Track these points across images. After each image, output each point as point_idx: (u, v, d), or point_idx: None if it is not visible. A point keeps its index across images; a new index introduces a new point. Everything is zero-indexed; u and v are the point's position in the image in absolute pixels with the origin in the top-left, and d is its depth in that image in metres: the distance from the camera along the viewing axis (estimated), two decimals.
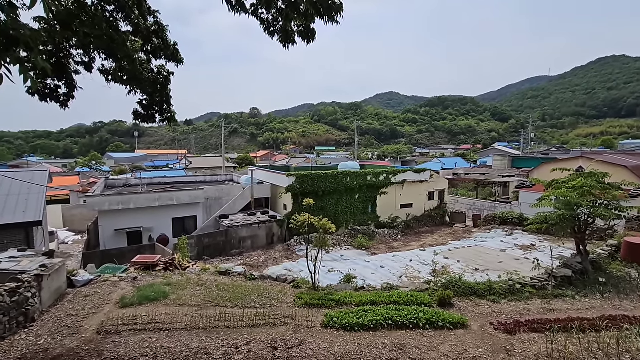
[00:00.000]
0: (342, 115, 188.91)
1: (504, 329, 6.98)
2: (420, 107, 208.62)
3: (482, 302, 8.69)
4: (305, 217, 9.40)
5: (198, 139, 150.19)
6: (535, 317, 7.72)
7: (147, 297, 8.05)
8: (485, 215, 25.71)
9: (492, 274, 12.38)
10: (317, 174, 21.33)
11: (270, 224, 19.53)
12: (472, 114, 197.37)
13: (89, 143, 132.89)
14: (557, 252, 14.52)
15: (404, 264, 14.91)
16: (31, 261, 8.39)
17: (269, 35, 6.51)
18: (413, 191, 25.04)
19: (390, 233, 22.06)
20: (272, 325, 7.00)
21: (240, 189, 22.36)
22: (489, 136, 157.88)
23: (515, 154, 58.85)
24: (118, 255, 13.81)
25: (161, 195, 18.72)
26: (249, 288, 9.13)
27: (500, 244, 18.14)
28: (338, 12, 5.97)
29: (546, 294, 9.39)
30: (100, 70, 6.36)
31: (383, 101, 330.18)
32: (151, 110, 6.58)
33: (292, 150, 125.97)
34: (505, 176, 36.01)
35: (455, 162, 64.14)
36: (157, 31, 6.28)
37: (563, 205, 11.06)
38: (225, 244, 17.95)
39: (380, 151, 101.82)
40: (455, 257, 15.75)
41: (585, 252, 11.31)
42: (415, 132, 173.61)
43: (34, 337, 6.36)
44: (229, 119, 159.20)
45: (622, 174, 21.12)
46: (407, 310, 7.47)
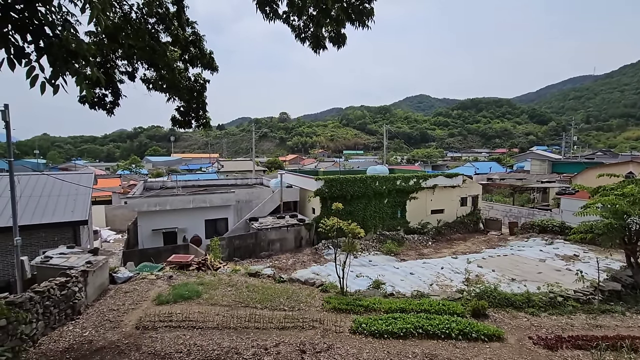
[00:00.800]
0: (370, 118, 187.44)
1: (544, 344, 6.58)
2: (452, 110, 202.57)
3: (519, 314, 8.26)
4: (334, 221, 9.40)
5: (229, 143, 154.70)
6: (579, 332, 7.22)
7: (181, 296, 8.38)
8: (522, 222, 24.44)
9: (531, 285, 11.72)
10: (346, 178, 21.28)
11: (298, 227, 19.70)
12: (508, 117, 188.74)
13: (129, 147, 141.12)
14: (603, 264, 13.51)
15: (434, 272, 14.48)
16: (78, 258, 9.01)
17: (300, 42, 6.63)
18: (444, 196, 24.32)
19: (420, 239, 21.51)
20: (300, 329, 7.04)
21: (269, 192, 22.77)
22: (527, 139, 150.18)
23: (556, 159, 55.54)
24: (155, 254, 14.48)
25: (195, 197, 19.46)
26: (278, 290, 9.25)
27: (539, 254, 17.16)
28: (369, 17, 5.97)
29: (592, 309, 8.75)
30: (142, 79, 6.77)
31: (413, 104, 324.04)
32: (188, 116, 6.89)
33: (320, 154, 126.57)
34: (544, 182, 34.07)
35: (490, 166, 61.48)
36: (194, 41, 6.59)
37: (611, 214, 10.28)
38: (255, 246, 18.31)
39: (409, 155, 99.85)
40: (490, 266, 15.09)
41: (637, 264, 10.43)
42: (447, 135, 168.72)
43: (79, 329, 6.81)
44: (259, 123, 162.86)
45: None
46: (438, 320, 7.24)
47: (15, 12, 2.65)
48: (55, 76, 2.85)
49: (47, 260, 8.77)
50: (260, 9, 5.53)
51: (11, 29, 2.67)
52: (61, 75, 2.91)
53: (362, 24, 6.05)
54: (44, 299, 6.52)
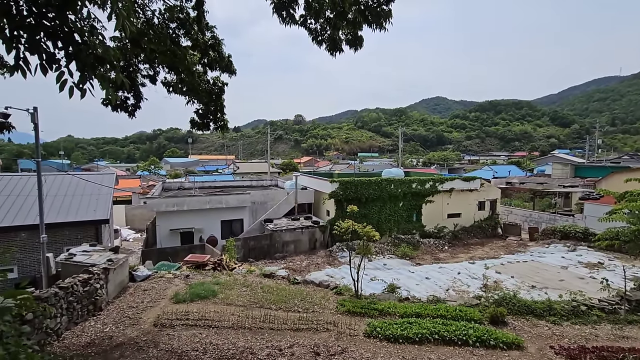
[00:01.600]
0: (385, 121, 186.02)
1: (566, 354, 6.36)
2: (469, 112, 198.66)
3: (540, 323, 8.01)
4: (349, 224, 9.37)
5: (245, 145, 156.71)
6: (604, 343, 6.94)
7: (198, 295, 8.53)
8: (543, 228, 23.69)
9: (552, 293, 11.34)
10: (360, 180, 21.18)
11: (313, 230, 19.72)
12: (528, 119, 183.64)
13: (148, 149, 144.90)
14: (630, 272, 12.92)
15: (451, 277, 14.19)
16: (100, 255, 9.31)
17: (316, 45, 6.67)
18: (461, 200, 23.86)
19: (436, 243, 21.16)
20: (314, 331, 7.04)
21: (284, 194, 22.90)
22: (548, 142, 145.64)
23: (579, 162, 53.63)
24: (172, 254, 14.79)
25: (211, 198, 19.79)
26: (292, 292, 9.29)
27: (561, 260, 16.57)
28: (387, 19, 5.95)
29: (618, 319, 8.40)
30: (163, 83, 6.96)
31: (429, 106, 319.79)
32: (206, 118, 7.03)
33: (335, 156, 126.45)
34: (567, 186, 32.96)
35: (509, 170, 59.90)
36: (213, 45, 6.73)
37: (638, 220, 9.85)
38: (270, 247, 18.44)
39: (425, 158, 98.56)
40: (509, 272, 14.67)
41: None
42: (464, 138, 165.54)
43: (100, 325, 7.02)
44: (274, 125, 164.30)
45: None
46: (455, 326, 7.11)
47: (47, 20, 2.78)
48: (83, 81, 2.97)
49: (71, 258, 9.10)
50: (277, 12, 5.60)
51: (43, 36, 2.80)
52: (88, 80, 3.03)
53: (380, 26, 6.03)
54: (68, 294, 6.76)
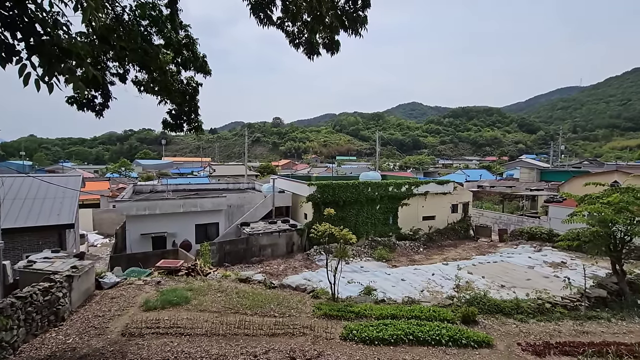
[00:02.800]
0: (363, 125, 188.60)
1: (532, 350, 6.64)
2: (443, 118, 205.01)
3: (508, 321, 8.32)
4: (325, 227, 9.38)
5: (222, 148, 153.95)
6: (566, 339, 7.30)
7: (169, 302, 8.23)
8: (511, 229, 24.74)
9: (520, 292, 11.84)
10: (338, 183, 21.30)
11: (290, 233, 19.59)
12: (498, 125, 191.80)
13: (119, 150, 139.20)
14: (590, 271, 13.71)
15: (425, 278, 14.52)
16: (63, 262, 8.80)
17: (294, 47, 6.67)
18: (436, 203, 24.50)
19: (412, 245, 21.58)
20: (290, 335, 6.97)
21: (261, 197, 22.64)
22: (516, 148, 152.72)
23: (544, 167, 56.54)
24: (143, 259, 14.22)
25: (185, 201, 19.24)
26: (268, 296, 9.16)
27: (528, 261, 17.36)
28: (363, 25, 6.04)
29: (578, 315, 8.87)
30: (133, 82, 6.70)
31: (405, 111, 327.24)
32: (179, 119, 6.84)
33: (313, 159, 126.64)
34: (533, 190, 34.62)
35: (480, 174, 62.26)
36: (187, 44, 6.57)
37: (597, 222, 10.49)
38: (246, 251, 18.14)
39: (402, 162, 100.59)
40: (480, 273, 15.19)
41: (622, 272, 10.62)
42: (439, 142, 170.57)
43: (63, 336, 6.62)
44: (252, 128, 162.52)
45: None
46: (429, 326, 7.25)
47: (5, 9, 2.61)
48: (48, 74, 2.80)
49: (31, 265, 8.54)
50: (254, 13, 5.55)
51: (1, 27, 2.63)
52: (54, 74, 2.86)
53: (356, 32, 6.12)
54: (26, 304, 6.34)
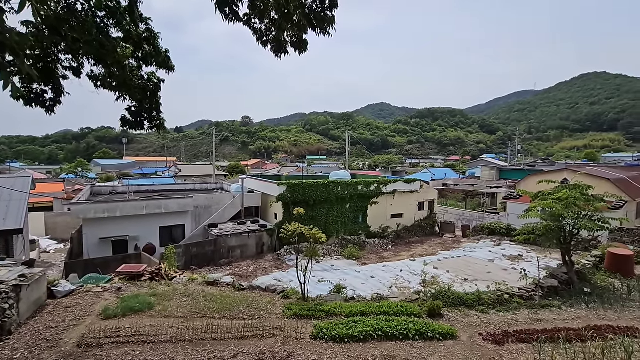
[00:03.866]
0: (333, 125, 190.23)
1: (492, 339, 6.99)
2: (410, 118, 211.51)
3: (471, 313, 8.71)
4: (295, 227, 9.34)
5: (188, 147, 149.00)
6: (523, 327, 7.76)
7: (131, 308, 7.82)
8: (474, 225, 25.97)
9: (481, 285, 12.45)
10: (308, 183, 21.31)
11: (260, 233, 19.34)
12: (461, 126, 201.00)
13: (75, 149, 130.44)
14: (543, 262, 14.72)
15: (394, 274, 14.88)
16: (10, 271, 8.09)
17: (261, 45, 6.57)
18: (403, 201, 25.20)
19: (381, 243, 22.06)
20: (260, 337, 6.87)
21: (230, 198, 22.15)
22: (477, 148, 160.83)
23: (503, 166, 59.94)
24: (102, 265, 13.44)
25: (149, 203, 18.40)
26: (237, 299, 8.97)
27: (488, 255, 18.29)
28: (330, 24, 6.06)
29: (533, 304, 9.47)
30: (89, 76, 6.29)
31: (374, 112, 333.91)
32: (140, 117, 6.51)
33: (283, 159, 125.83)
34: (493, 187, 36.58)
35: (445, 172, 64.92)
36: (148, 38, 6.26)
37: (549, 217, 11.26)
38: (214, 253, 17.67)
39: (371, 161, 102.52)
40: (445, 268, 15.81)
41: (571, 262, 11.49)
42: (406, 142, 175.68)
43: (9, 351, 6.09)
44: (220, 126, 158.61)
45: (605, 186, 21.66)
46: (397, 321, 7.42)
47: None
48: None
49: None
50: (220, 9, 5.40)
51: None
52: None
53: (324, 31, 6.13)
54: None
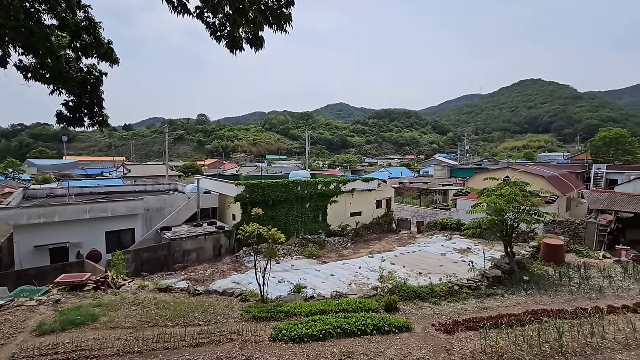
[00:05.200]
0: (293, 124, 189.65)
1: (444, 329, 7.38)
2: (369, 119, 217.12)
3: (425, 305, 9.13)
4: (253, 228, 9.15)
5: (139, 146, 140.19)
6: (471, 316, 8.29)
7: (71, 322, 7.17)
8: (428, 221, 27.29)
9: (434, 278, 13.10)
10: (268, 183, 21.02)
11: (217, 236, 18.71)
12: (415, 127, 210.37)
13: (5, 148, 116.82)
14: (489, 254, 15.84)
15: (353, 272, 15.16)
16: None
17: (215, 40, 6.33)
18: (362, 200, 25.78)
19: (341, 241, 22.37)
20: (217, 343, 6.63)
21: (185, 199, 21.17)
22: (431, 147, 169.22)
23: (453, 165, 63.68)
24: (38, 276, 12.18)
25: (93, 206, 17.01)
26: (192, 304, 8.60)
27: (441, 249, 19.32)
28: (287, 22, 5.99)
29: (480, 294, 10.15)
30: (17, 67, 5.64)
31: (334, 112, 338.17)
32: (79, 113, 5.96)
33: (242, 159, 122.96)
34: (444, 185, 38.72)
35: (401, 171, 67.56)
36: (88, 27, 5.75)
37: (493, 212, 12.15)
38: (168, 258, 16.78)
39: (331, 160, 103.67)
40: (401, 263, 16.42)
41: (512, 253, 12.50)
42: (365, 142, 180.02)
43: None
44: (174, 125, 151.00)
45: (540, 183, 23.87)
46: (355, 318, 7.56)
47: None
48: None
49: None
50: (167, 0, 5.11)
51: None
52: None
53: (281, 29, 6.04)
54: None
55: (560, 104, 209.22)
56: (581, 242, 18.33)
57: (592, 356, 6.07)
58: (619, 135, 54.38)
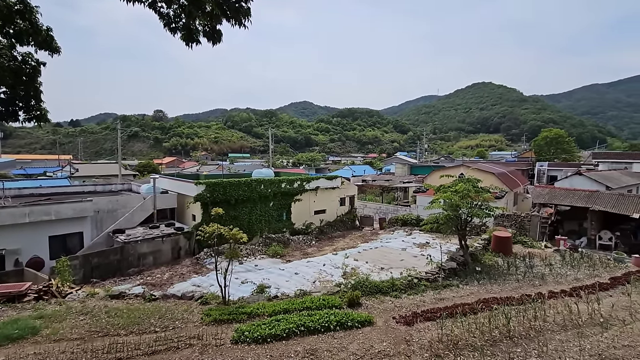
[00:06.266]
0: (257, 122, 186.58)
1: (404, 321, 7.64)
2: (332, 117, 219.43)
3: (386, 299, 9.40)
4: (214, 228, 8.87)
5: (87, 143, 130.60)
6: (429, 307, 8.67)
7: (7, 337, 6.51)
8: (389, 218, 28.11)
9: (395, 272, 13.52)
10: (230, 181, 20.47)
11: (176, 237, 17.91)
12: (377, 126, 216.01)
13: None
14: (445, 247, 16.67)
15: (317, 269, 15.22)
16: None
17: (170, 32, 6.03)
18: (326, 198, 25.98)
19: (305, 239, 22.39)
20: (175, 350, 6.35)
21: (140, 200, 20.00)
22: (392, 146, 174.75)
23: (413, 162, 66.28)
24: None
25: (33, 209, 15.53)
26: (147, 310, 8.16)
27: (401, 244, 19.99)
28: (246, 16, 5.85)
29: (437, 286, 10.65)
30: None
31: (297, 110, 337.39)
32: (13, 106, 5.39)
33: (202, 157, 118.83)
34: (405, 182, 40.15)
35: (364, 169, 69.10)
36: (22, 11, 5.21)
37: (448, 207, 12.79)
38: (121, 262, 15.77)
39: (295, 159, 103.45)
40: (364, 259, 16.77)
41: (466, 246, 13.26)
42: (328, 140, 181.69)
43: None
44: (127, 121, 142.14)
45: (491, 179, 25.56)
46: (318, 315, 7.60)
47: None
48: None
49: None
50: None
51: None
52: None
53: (239, 23, 5.89)
54: None
55: (508, 106, 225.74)
56: (526, 234, 19.89)
57: (535, 338, 6.60)
58: (558, 135, 59.91)
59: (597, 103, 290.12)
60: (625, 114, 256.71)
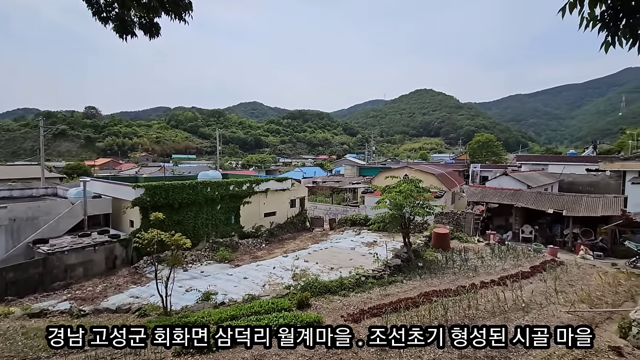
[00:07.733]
0: (203, 121, 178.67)
1: (351, 319, 7.83)
2: (283, 119, 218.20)
3: (335, 298, 9.56)
4: (153, 234, 8.29)
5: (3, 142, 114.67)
6: (375, 303, 8.99)
7: None
8: (339, 218, 28.68)
9: (344, 271, 13.81)
10: (172, 184, 19.30)
11: (110, 245, 16.41)
12: (327, 128, 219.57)
13: None
14: (391, 245, 17.41)
15: (267, 272, 14.99)
16: None
17: (101, 22, 5.52)
18: (276, 200, 25.71)
19: (255, 242, 21.92)
20: None
21: (67, 205, 18.00)
22: (342, 148, 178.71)
23: (362, 164, 68.43)
24: None
25: None
26: None
27: (350, 243, 20.50)
28: (186, 11, 5.58)
29: (383, 282, 11.10)
30: None
31: (247, 110, 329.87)
32: None
33: (142, 158, 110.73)
34: (354, 183, 41.30)
35: (315, 171, 69.73)
36: None
37: (393, 207, 13.42)
38: (44, 276, 14.02)
39: (244, 160, 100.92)
40: (314, 260, 16.89)
41: (409, 243, 14.01)
42: (279, 142, 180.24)
43: None
44: (52, 117, 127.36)
45: (431, 180, 27.35)
46: (267, 319, 7.48)
47: None
48: None
49: None
50: None
51: None
52: None
53: (179, 17, 5.60)
54: None
55: (447, 112, 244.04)
56: (462, 230, 21.61)
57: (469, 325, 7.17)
58: (489, 139, 66.32)
59: (520, 111, 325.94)
60: (542, 121, 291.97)
